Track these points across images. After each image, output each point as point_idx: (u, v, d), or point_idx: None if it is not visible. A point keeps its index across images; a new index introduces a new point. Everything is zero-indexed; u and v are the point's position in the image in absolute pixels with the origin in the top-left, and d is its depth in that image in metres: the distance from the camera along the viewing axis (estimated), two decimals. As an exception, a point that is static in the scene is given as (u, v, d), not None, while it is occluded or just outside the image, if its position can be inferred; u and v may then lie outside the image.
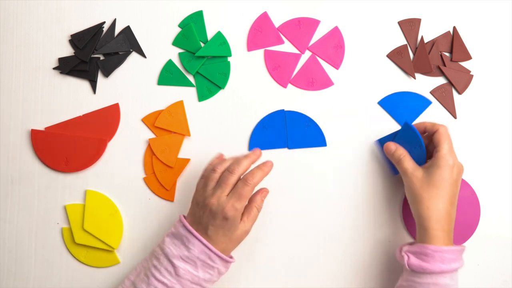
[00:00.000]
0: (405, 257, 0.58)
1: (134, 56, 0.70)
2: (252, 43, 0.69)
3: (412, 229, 0.67)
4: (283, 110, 0.68)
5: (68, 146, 0.68)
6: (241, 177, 0.59)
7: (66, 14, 0.70)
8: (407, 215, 0.67)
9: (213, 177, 0.59)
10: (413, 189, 0.59)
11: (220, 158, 0.63)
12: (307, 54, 0.69)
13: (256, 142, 0.68)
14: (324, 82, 0.69)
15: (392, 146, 0.63)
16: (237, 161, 0.60)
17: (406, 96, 0.69)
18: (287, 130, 0.68)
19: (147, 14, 0.70)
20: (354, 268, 0.67)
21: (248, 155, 0.61)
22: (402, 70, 0.69)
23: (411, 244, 0.60)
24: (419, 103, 0.68)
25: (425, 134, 0.63)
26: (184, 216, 0.62)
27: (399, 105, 0.68)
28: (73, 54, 0.70)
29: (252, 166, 0.61)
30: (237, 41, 0.70)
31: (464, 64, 0.69)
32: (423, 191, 0.59)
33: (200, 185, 0.61)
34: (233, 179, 0.58)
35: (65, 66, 0.69)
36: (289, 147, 0.68)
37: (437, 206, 0.58)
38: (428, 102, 0.68)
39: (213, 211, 0.57)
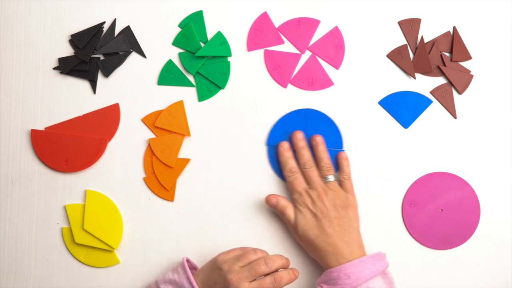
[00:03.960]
0: None
1: (134, 56, 0.70)
2: (252, 43, 0.69)
3: (412, 230, 0.67)
4: (305, 109, 0.68)
5: (68, 146, 0.68)
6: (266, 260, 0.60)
7: (66, 14, 0.70)
8: (407, 214, 0.67)
9: (249, 257, 0.60)
10: (302, 233, 0.62)
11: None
12: (307, 54, 0.69)
13: (274, 137, 0.68)
14: (324, 82, 0.69)
15: (273, 199, 0.64)
16: (278, 257, 0.61)
17: (407, 96, 0.69)
18: (306, 129, 0.68)
19: (147, 14, 0.70)
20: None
21: (287, 260, 0.62)
22: (402, 70, 0.69)
23: (320, 276, 0.61)
24: (420, 102, 0.68)
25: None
26: (188, 260, 0.63)
27: (400, 104, 0.68)
28: (73, 54, 0.70)
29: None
30: (237, 41, 0.70)
31: (464, 64, 0.69)
32: (311, 232, 0.61)
33: (234, 253, 0.61)
34: (264, 270, 0.59)
35: (65, 66, 0.69)
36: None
37: (322, 242, 0.60)
38: (429, 101, 0.68)
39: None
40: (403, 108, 0.68)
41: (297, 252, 0.67)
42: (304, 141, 0.66)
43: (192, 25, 0.69)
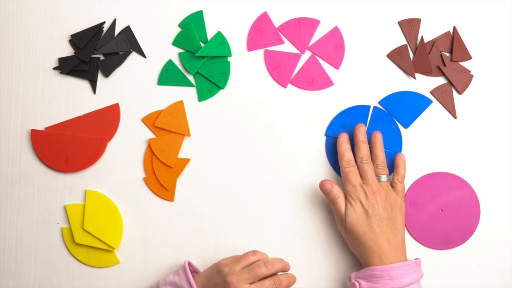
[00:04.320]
0: (356, 284, 0.59)
1: (134, 56, 0.70)
2: (252, 43, 0.69)
3: (412, 230, 0.67)
4: (369, 105, 0.68)
5: (68, 146, 0.68)
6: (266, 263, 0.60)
7: (66, 14, 0.70)
8: (407, 214, 0.67)
9: (249, 259, 0.60)
10: (350, 227, 0.61)
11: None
12: (307, 54, 0.69)
13: (334, 129, 0.68)
14: (324, 82, 0.69)
15: (328, 185, 0.63)
16: (277, 260, 0.61)
17: (407, 96, 0.69)
18: (368, 126, 0.68)
19: (147, 14, 0.70)
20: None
21: (287, 264, 0.62)
22: (402, 70, 0.69)
23: (358, 271, 0.61)
24: (420, 102, 0.68)
25: None
26: (189, 264, 0.62)
27: (400, 104, 0.68)
28: (73, 54, 0.70)
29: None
30: (237, 41, 0.70)
31: (464, 64, 0.69)
32: (360, 228, 0.60)
33: (234, 258, 0.61)
34: (264, 273, 0.59)
35: (65, 66, 0.69)
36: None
37: (368, 240, 0.59)
38: (429, 101, 0.68)
39: None
40: (403, 108, 0.68)
41: (297, 252, 0.67)
42: (365, 135, 0.65)
43: (192, 25, 0.69)
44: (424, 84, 0.69)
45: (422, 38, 0.69)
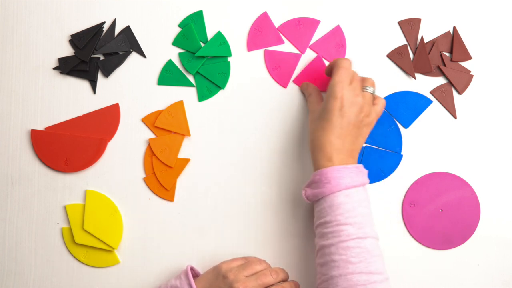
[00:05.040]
0: (303, 192, 0.59)
1: (134, 56, 0.70)
2: (252, 43, 0.69)
3: (412, 230, 0.67)
4: None
5: (68, 146, 0.68)
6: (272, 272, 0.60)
7: (66, 14, 0.70)
8: (407, 214, 0.67)
9: (255, 267, 0.60)
10: (309, 123, 0.62)
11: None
12: (307, 54, 0.69)
13: None
14: (325, 83, 0.69)
15: (304, 84, 0.67)
16: (281, 269, 0.61)
17: (407, 96, 0.69)
18: None
19: (147, 14, 0.70)
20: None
21: (287, 274, 0.62)
22: (402, 70, 0.69)
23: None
24: (420, 102, 0.68)
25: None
26: (191, 268, 0.62)
27: (400, 104, 0.68)
28: (73, 54, 0.70)
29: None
30: (237, 41, 0.70)
31: (464, 64, 0.69)
32: (312, 124, 0.61)
33: (237, 263, 0.61)
34: (270, 281, 0.59)
35: (65, 66, 0.69)
36: (365, 142, 0.68)
37: (319, 138, 0.58)
38: (429, 101, 0.68)
39: None
40: (403, 108, 0.68)
41: (297, 252, 0.67)
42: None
43: (192, 25, 0.69)
44: (424, 84, 0.69)
45: (422, 38, 0.69)
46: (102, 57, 0.70)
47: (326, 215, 0.56)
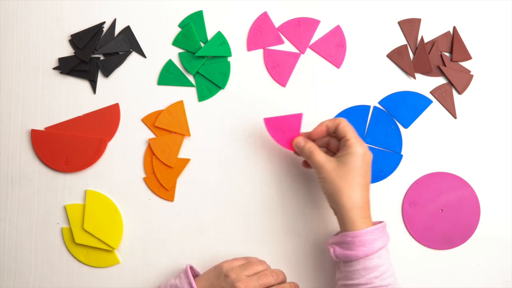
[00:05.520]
0: (331, 249, 0.59)
1: (134, 56, 0.70)
2: (252, 43, 0.69)
3: (412, 230, 0.67)
4: (369, 105, 0.68)
5: (68, 146, 0.68)
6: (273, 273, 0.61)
7: (66, 14, 0.70)
8: (407, 214, 0.67)
9: (256, 268, 0.61)
10: (330, 180, 0.58)
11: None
12: (307, 54, 0.69)
13: None
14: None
15: (300, 140, 0.62)
16: (280, 271, 0.62)
17: (407, 96, 0.69)
18: (368, 126, 0.68)
19: (147, 14, 0.70)
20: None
21: (286, 276, 0.63)
22: (402, 70, 0.69)
23: (335, 235, 0.60)
24: (420, 102, 0.68)
25: (331, 133, 0.62)
26: (191, 268, 0.63)
27: (400, 104, 0.68)
28: (73, 54, 0.70)
29: None
30: (237, 41, 0.70)
31: (464, 64, 0.69)
32: (341, 181, 0.58)
33: (239, 263, 0.62)
34: (271, 282, 0.60)
35: (65, 66, 0.69)
36: (365, 142, 0.67)
37: (357, 194, 0.57)
38: (429, 101, 0.68)
39: None
40: (403, 108, 0.68)
41: (296, 252, 0.67)
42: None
43: (192, 25, 0.69)
44: (424, 84, 0.69)
45: (422, 38, 0.69)
46: (102, 57, 0.70)
47: (360, 277, 0.56)
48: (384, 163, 0.68)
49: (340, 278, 0.59)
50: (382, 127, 0.68)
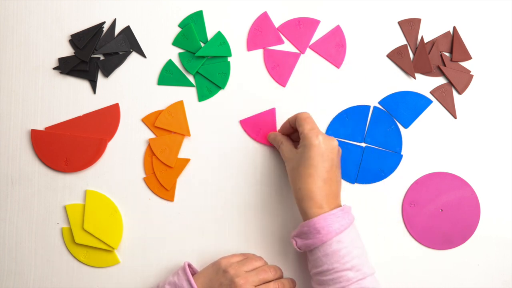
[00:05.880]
0: (293, 242, 0.60)
1: (134, 56, 0.70)
2: (252, 43, 0.69)
3: (412, 230, 0.67)
4: (369, 105, 0.68)
5: (68, 146, 0.68)
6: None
7: (66, 14, 0.70)
8: (407, 214, 0.67)
9: (254, 264, 0.61)
10: (288, 172, 0.61)
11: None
12: (307, 54, 0.69)
13: (334, 129, 0.68)
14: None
15: (271, 134, 0.67)
16: (277, 267, 0.62)
17: (407, 96, 0.69)
18: (368, 126, 0.68)
19: (147, 14, 0.70)
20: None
21: (282, 273, 0.63)
22: (402, 70, 0.69)
23: (297, 228, 0.60)
24: (420, 102, 0.68)
25: (293, 127, 0.63)
26: (189, 265, 0.63)
27: (400, 104, 0.68)
28: (73, 54, 0.70)
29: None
30: (237, 41, 0.70)
31: (464, 64, 0.69)
32: (293, 172, 0.60)
33: (237, 259, 0.62)
34: (270, 277, 0.60)
35: (65, 66, 0.69)
36: (365, 142, 0.68)
37: (306, 186, 0.58)
38: (429, 101, 0.68)
39: None
40: (403, 108, 0.69)
41: (296, 252, 0.67)
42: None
43: (192, 25, 0.69)
44: (424, 84, 0.69)
45: (422, 38, 0.69)
46: (102, 57, 0.70)
47: (323, 264, 0.57)
48: (384, 163, 0.68)
49: (310, 267, 0.59)
50: (382, 127, 0.68)
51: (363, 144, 0.68)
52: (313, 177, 0.58)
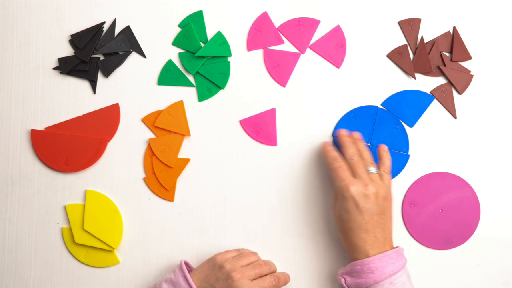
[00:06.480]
0: (342, 280, 0.60)
1: (134, 56, 0.70)
2: (252, 43, 0.69)
3: (412, 230, 0.67)
4: (376, 106, 0.68)
5: (68, 146, 0.68)
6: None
7: (66, 14, 0.70)
8: (407, 214, 0.67)
9: (250, 258, 0.62)
10: (338, 221, 0.62)
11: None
12: (307, 54, 0.69)
13: (341, 128, 0.68)
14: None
15: (331, 152, 0.63)
16: (271, 262, 0.64)
17: (408, 95, 0.69)
18: (374, 127, 0.68)
19: (147, 14, 0.70)
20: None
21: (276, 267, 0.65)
22: (402, 70, 0.69)
23: (345, 266, 0.61)
24: (422, 99, 0.68)
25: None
26: (186, 264, 0.63)
27: (402, 104, 0.68)
28: (73, 54, 0.70)
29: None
30: (237, 41, 0.70)
31: (464, 64, 0.69)
32: (338, 221, 0.61)
33: (232, 254, 0.63)
34: (265, 271, 0.61)
35: (65, 66, 0.69)
36: (372, 144, 0.68)
37: (351, 239, 0.59)
38: (431, 98, 0.68)
39: (231, 286, 0.58)
40: (406, 107, 0.68)
41: (297, 252, 0.67)
42: (350, 135, 0.65)
43: (192, 25, 0.69)
44: (424, 84, 0.69)
45: (422, 38, 0.69)
46: (102, 57, 0.70)
47: None
48: (391, 163, 0.67)
49: None
50: (388, 128, 0.68)
51: (370, 145, 0.68)
52: (353, 231, 0.59)
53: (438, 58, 0.69)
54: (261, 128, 0.68)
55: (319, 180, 0.68)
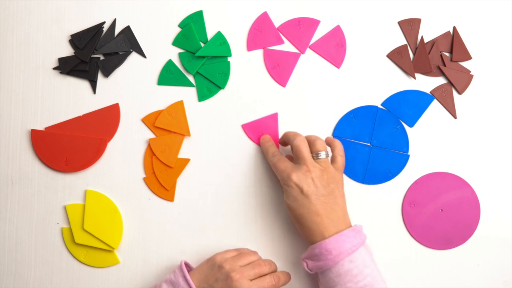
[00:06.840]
0: (304, 264, 0.60)
1: (134, 56, 0.70)
2: (252, 43, 0.69)
3: (412, 230, 0.67)
4: (376, 106, 0.68)
5: (68, 146, 0.68)
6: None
7: (66, 14, 0.70)
8: (407, 214, 0.67)
9: (249, 258, 0.62)
10: (288, 210, 0.62)
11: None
12: (307, 54, 0.69)
13: (341, 129, 0.68)
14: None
15: (270, 147, 0.65)
16: (272, 261, 0.63)
17: (408, 94, 0.69)
18: (374, 127, 0.68)
19: (147, 14, 0.70)
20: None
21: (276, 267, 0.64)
22: (402, 70, 0.69)
23: (306, 251, 0.61)
24: (422, 99, 0.68)
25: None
26: (186, 264, 0.63)
27: (402, 104, 0.68)
28: (73, 54, 0.70)
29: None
30: (237, 41, 0.70)
31: (464, 64, 0.69)
32: (297, 211, 0.60)
33: (231, 254, 0.62)
34: (265, 271, 0.61)
35: (65, 66, 0.69)
36: (372, 144, 0.68)
37: (304, 219, 0.59)
38: (431, 98, 0.68)
39: (231, 286, 0.58)
40: (406, 107, 0.68)
41: (297, 252, 0.67)
42: (292, 133, 0.65)
43: (192, 25, 0.69)
44: (424, 84, 0.69)
45: (422, 38, 0.69)
46: (102, 57, 0.70)
47: (335, 285, 0.57)
48: (392, 163, 0.67)
49: None
50: (388, 128, 0.68)
51: (370, 145, 0.68)
52: (305, 216, 0.59)
53: (438, 58, 0.69)
54: (263, 133, 0.68)
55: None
